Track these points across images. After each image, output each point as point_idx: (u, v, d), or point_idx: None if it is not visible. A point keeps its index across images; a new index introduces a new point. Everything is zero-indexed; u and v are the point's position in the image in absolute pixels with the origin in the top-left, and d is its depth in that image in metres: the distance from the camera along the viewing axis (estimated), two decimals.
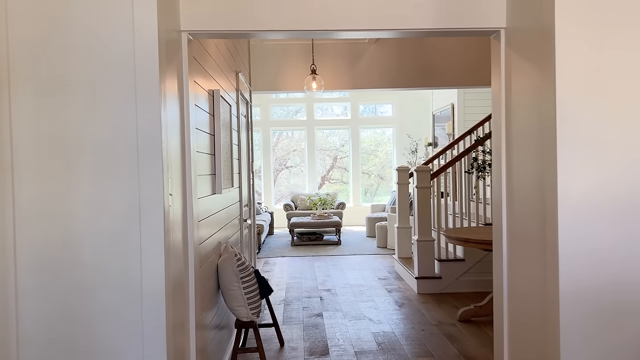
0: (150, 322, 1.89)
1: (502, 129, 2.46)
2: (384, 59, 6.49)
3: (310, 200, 10.60)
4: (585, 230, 1.94)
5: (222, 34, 2.47)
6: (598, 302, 1.96)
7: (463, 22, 2.43)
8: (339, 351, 3.93)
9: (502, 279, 2.49)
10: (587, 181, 1.94)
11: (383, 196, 12.23)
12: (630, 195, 1.95)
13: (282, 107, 12.09)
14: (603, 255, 1.95)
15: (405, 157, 11.18)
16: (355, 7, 2.43)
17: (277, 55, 6.38)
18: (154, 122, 1.89)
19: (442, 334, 4.24)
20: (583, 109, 1.93)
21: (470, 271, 5.48)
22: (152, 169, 1.89)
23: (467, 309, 4.57)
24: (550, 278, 2.00)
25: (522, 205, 2.28)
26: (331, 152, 12.43)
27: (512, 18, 2.35)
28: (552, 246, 1.97)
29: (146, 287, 1.90)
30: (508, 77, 2.42)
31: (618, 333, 1.97)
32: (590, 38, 1.93)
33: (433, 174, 5.63)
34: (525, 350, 2.30)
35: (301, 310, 5.09)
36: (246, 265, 3.13)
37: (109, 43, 1.91)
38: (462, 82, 6.53)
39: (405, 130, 11.43)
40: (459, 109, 8.66)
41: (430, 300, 5.27)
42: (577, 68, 1.93)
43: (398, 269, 6.54)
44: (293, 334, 4.35)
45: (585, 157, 1.94)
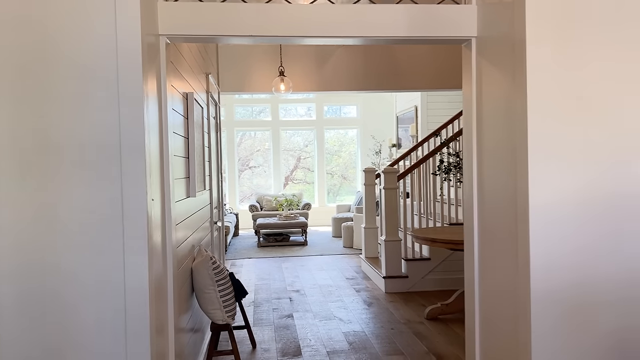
0: (134, 325, 1.89)
1: (474, 134, 2.56)
2: (351, 62, 6.57)
3: (277, 201, 10.61)
4: (554, 231, 2.05)
5: (199, 38, 2.48)
6: (567, 301, 2.07)
7: (435, 31, 2.52)
8: (312, 351, 3.97)
9: (473, 278, 2.59)
10: (557, 185, 2.05)
11: (346, 196, 12.35)
12: (596, 198, 2.07)
13: (246, 107, 12.04)
14: (571, 255, 2.06)
15: (370, 157, 11.33)
16: (331, 15, 2.48)
17: (245, 57, 6.37)
18: (137, 125, 1.89)
19: (411, 332, 4.34)
20: (553, 117, 2.04)
21: (436, 270, 5.62)
22: (135, 172, 1.89)
23: (434, 307, 4.70)
24: (521, 277, 2.10)
25: (493, 207, 2.38)
26: (295, 152, 12.45)
27: (482, 28, 2.45)
28: (524, 246, 2.07)
29: (130, 290, 1.90)
30: (479, 83, 2.52)
31: (587, 331, 2.08)
32: (560, 49, 2.04)
33: (399, 175, 5.74)
34: (497, 347, 2.40)
35: (271, 311, 5.11)
36: (221, 269, 3.13)
37: (92, 47, 1.90)
38: (427, 86, 6.67)
39: (369, 131, 11.59)
40: (422, 111, 8.85)
41: (398, 299, 5.38)
42: (547, 78, 2.03)
43: (365, 268, 6.64)
44: (265, 335, 4.37)
45: (555, 163, 2.05)
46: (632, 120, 2.07)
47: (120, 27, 1.89)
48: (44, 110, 1.90)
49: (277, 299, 5.58)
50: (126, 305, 1.91)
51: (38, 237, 1.91)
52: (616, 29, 2.06)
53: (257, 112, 12.14)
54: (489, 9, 2.39)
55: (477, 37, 2.51)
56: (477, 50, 2.52)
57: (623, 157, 2.07)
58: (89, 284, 1.93)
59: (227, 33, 2.44)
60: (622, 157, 2.07)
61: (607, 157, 2.07)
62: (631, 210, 2.09)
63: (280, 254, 8.31)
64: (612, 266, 2.09)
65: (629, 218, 2.09)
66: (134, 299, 1.91)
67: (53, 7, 1.90)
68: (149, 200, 1.92)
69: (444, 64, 6.51)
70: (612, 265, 2.09)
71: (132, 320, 1.89)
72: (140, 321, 1.89)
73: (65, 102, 1.91)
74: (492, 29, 2.35)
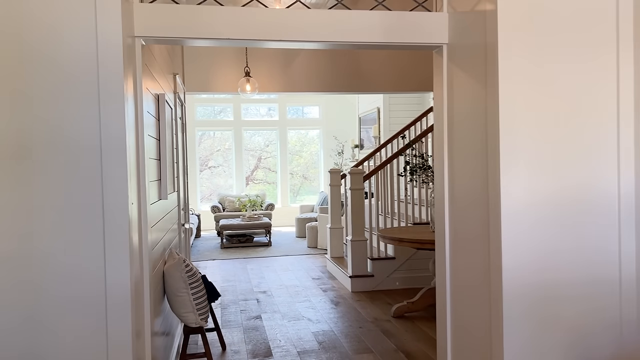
0: (115, 329, 1.87)
1: (445, 136, 2.65)
2: (315, 64, 6.62)
3: (240, 201, 10.55)
4: (523, 231, 2.15)
5: (175, 40, 2.46)
6: (535, 297, 2.18)
7: (409, 38, 2.59)
8: (282, 352, 3.99)
9: (445, 277, 2.68)
10: (526, 187, 2.15)
11: (306, 196, 12.39)
12: (561, 200, 2.18)
13: (206, 106, 11.90)
14: (538, 253, 2.17)
15: (332, 158, 11.42)
16: (307, 20, 2.51)
17: (210, 56, 6.32)
18: (119, 128, 1.87)
19: (378, 330, 4.43)
20: (523, 122, 2.14)
21: (401, 269, 5.74)
22: (116, 174, 1.87)
23: (400, 305, 4.80)
24: (494, 275, 2.20)
25: (464, 208, 2.47)
26: (255, 152, 12.40)
27: (454, 35, 2.54)
28: (496, 245, 2.17)
29: (111, 294, 1.88)
30: (450, 88, 2.61)
31: (552, 325, 2.20)
32: (530, 58, 2.14)
33: (365, 176, 5.83)
34: (469, 344, 2.49)
35: (239, 313, 5.10)
36: (194, 272, 3.12)
37: (73, 47, 1.87)
38: (389, 88, 6.80)
39: (331, 131, 11.68)
40: (384, 113, 8.99)
41: (364, 297, 5.46)
42: (518, 86, 2.13)
43: (331, 268, 6.71)
44: (234, 337, 4.36)
45: (525, 166, 2.15)
46: (595, 126, 2.20)
47: (101, 28, 1.86)
48: (23, 113, 1.86)
49: (244, 300, 5.57)
50: (107, 310, 1.88)
51: (15, 233, 1.87)
52: (583, 39, 2.18)
53: (217, 112, 12.02)
54: (459, 17, 2.48)
55: (449, 44, 2.59)
56: (448, 56, 2.61)
57: (586, 161, 2.20)
58: (67, 286, 1.89)
59: (204, 36, 2.43)
60: (585, 161, 2.20)
61: (571, 161, 2.19)
62: (592, 212, 2.21)
63: (245, 255, 8.28)
64: (574, 264, 2.21)
65: (590, 219, 2.21)
66: (115, 304, 1.89)
67: (31, 4, 1.86)
68: (130, 204, 1.90)
69: (405, 67, 6.65)
70: (574, 263, 2.21)
71: (114, 325, 1.87)
72: (122, 326, 1.87)
73: (44, 102, 1.87)
74: (464, 37, 2.44)
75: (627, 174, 2.20)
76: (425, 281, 5.65)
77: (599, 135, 2.21)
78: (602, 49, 2.20)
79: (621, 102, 2.20)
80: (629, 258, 2.21)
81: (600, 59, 2.19)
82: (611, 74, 2.20)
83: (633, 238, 2.21)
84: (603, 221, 2.21)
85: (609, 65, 2.20)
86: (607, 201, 2.21)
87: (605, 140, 2.21)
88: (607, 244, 2.21)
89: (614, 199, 2.20)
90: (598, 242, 2.21)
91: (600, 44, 2.19)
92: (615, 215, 2.21)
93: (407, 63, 6.63)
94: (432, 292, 4.74)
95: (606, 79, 2.20)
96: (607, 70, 2.20)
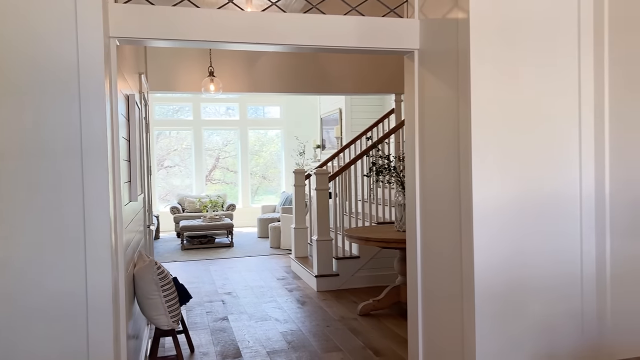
0: (97, 334, 1.85)
1: (416, 138, 2.73)
2: (280, 64, 6.64)
3: (201, 202, 10.42)
4: (493, 229, 2.25)
5: (151, 41, 2.44)
6: (504, 290, 2.29)
7: (381, 43, 2.66)
8: (251, 353, 4.00)
9: (416, 275, 2.76)
10: (496, 188, 2.26)
11: (264, 196, 12.37)
12: (528, 200, 2.30)
13: (163, 106, 11.68)
14: (507, 249, 2.28)
15: (294, 158, 11.44)
16: (282, 24, 2.54)
17: (174, 56, 6.24)
18: (100, 129, 1.85)
19: (346, 329, 4.50)
20: (493, 127, 2.24)
21: (365, 267, 5.84)
22: (98, 175, 1.85)
23: (366, 304, 4.88)
24: (466, 271, 2.29)
25: (436, 209, 2.56)
26: (213, 152, 12.26)
27: (425, 41, 2.63)
28: (468, 244, 2.26)
29: (92, 297, 1.85)
30: (421, 92, 2.69)
31: (520, 316, 2.31)
32: (500, 65, 2.24)
33: (331, 176, 5.90)
34: (441, 340, 2.58)
35: (205, 315, 5.06)
36: (166, 274, 3.09)
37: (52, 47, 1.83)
38: (352, 90, 6.90)
39: (293, 132, 11.69)
40: (346, 114, 9.09)
41: (330, 297, 5.53)
42: (489, 91, 2.23)
43: (295, 268, 6.74)
44: (201, 339, 4.33)
45: (495, 169, 2.25)
46: (559, 131, 2.33)
47: (82, 29, 1.84)
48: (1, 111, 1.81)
49: (209, 302, 5.53)
50: (88, 314, 1.86)
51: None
52: (548, 47, 2.30)
53: (175, 111, 11.83)
54: (431, 24, 2.57)
55: (420, 50, 2.68)
56: (419, 61, 2.69)
57: (551, 165, 2.32)
58: (46, 289, 1.86)
59: (180, 37, 2.43)
60: (550, 164, 2.32)
61: (537, 164, 2.31)
62: (556, 212, 2.34)
63: (207, 257, 8.20)
64: (541, 262, 2.33)
65: (555, 219, 2.34)
66: (97, 307, 1.86)
67: (9, 3, 1.81)
68: (111, 203, 1.89)
69: (367, 69, 6.77)
70: (541, 261, 2.33)
71: (95, 330, 1.85)
72: (103, 330, 1.85)
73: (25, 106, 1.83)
74: (435, 43, 2.53)
75: (587, 177, 2.35)
76: (390, 279, 5.76)
77: (563, 139, 2.34)
78: (565, 57, 2.33)
79: (582, 108, 2.34)
80: (590, 255, 2.35)
81: (563, 66, 2.33)
82: (573, 81, 2.34)
83: (593, 236, 2.35)
84: (566, 221, 2.34)
85: (571, 72, 2.33)
86: (569, 202, 2.34)
87: (569, 145, 2.34)
88: (570, 242, 2.34)
89: (576, 200, 2.34)
90: (562, 241, 2.34)
91: (564, 52, 2.32)
92: (577, 215, 2.34)
93: (369, 65, 6.75)
94: (397, 290, 4.85)
95: (569, 86, 2.34)
96: (570, 77, 2.33)
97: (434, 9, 2.53)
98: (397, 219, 4.83)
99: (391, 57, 6.52)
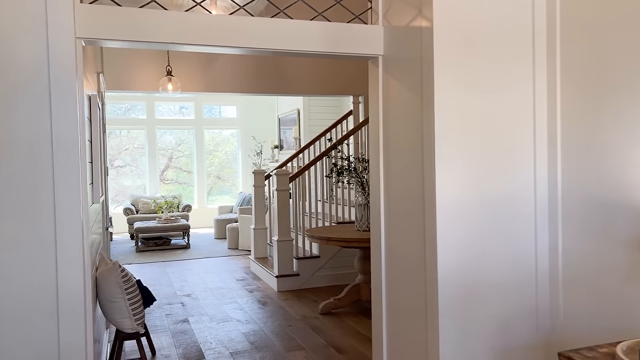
0: (69, 338, 1.82)
1: (380, 140, 2.82)
2: (238, 65, 6.63)
3: (156, 203, 10.22)
4: (455, 229, 2.36)
5: (117, 42, 2.42)
6: (464, 289, 2.40)
7: (346, 48, 2.72)
8: (214, 354, 4.00)
9: (380, 273, 2.85)
10: (458, 189, 2.36)
11: (218, 196, 12.27)
12: (489, 201, 2.42)
13: (117, 104, 11.40)
14: (467, 249, 2.40)
15: (251, 158, 11.40)
16: (249, 27, 2.57)
17: (131, 54, 6.12)
18: (71, 129, 1.82)
19: (308, 328, 4.55)
20: (455, 130, 2.35)
21: (325, 267, 5.91)
22: (69, 176, 1.83)
23: (327, 302, 4.96)
24: (429, 270, 2.39)
25: (400, 209, 2.65)
26: (166, 151, 12.05)
27: (389, 47, 2.72)
28: (431, 243, 2.36)
29: (63, 300, 1.83)
30: (385, 97, 2.78)
31: (479, 314, 2.43)
32: (462, 71, 2.35)
33: (292, 176, 5.94)
34: (404, 341, 2.68)
35: (164, 317, 5.00)
36: (129, 276, 3.06)
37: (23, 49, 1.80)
38: (311, 91, 6.97)
39: (250, 132, 11.65)
40: (304, 114, 9.15)
41: (291, 296, 5.57)
42: (451, 99, 2.34)
43: (255, 269, 6.74)
44: (162, 342, 4.29)
45: (457, 171, 2.36)
46: (515, 135, 2.46)
47: (52, 29, 1.81)
48: None
49: (168, 304, 5.47)
50: (59, 318, 1.83)
51: None
52: (506, 54, 2.43)
53: (127, 110, 11.55)
54: (395, 31, 2.66)
55: (384, 56, 2.77)
56: (383, 67, 2.78)
57: (508, 168, 2.45)
58: (15, 293, 1.82)
59: (146, 39, 2.41)
60: (507, 167, 2.45)
61: (495, 167, 2.43)
62: (513, 213, 2.47)
63: (163, 259, 8.08)
64: (499, 261, 2.45)
65: (511, 220, 2.47)
66: (68, 310, 1.84)
67: None
68: (82, 204, 1.87)
69: (326, 71, 6.86)
70: (499, 260, 2.45)
71: (67, 334, 1.83)
72: (75, 334, 1.83)
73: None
74: (399, 50, 2.62)
75: (541, 179, 2.49)
76: (350, 278, 5.86)
77: (519, 143, 2.47)
78: (521, 66, 2.46)
79: (536, 114, 2.48)
80: (543, 254, 2.50)
81: (520, 75, 2.46)
82: (528, 89, 2.48)
83: (546, 236, 2.50)
84: (522, 222, 2.48)
85: (527, 81, 2.47)
86: (525, 202, 2.48)
87: (524, 148, 2.48)
88: (526, 243, 2.48)
89: (531, 201, 2.48)
90: (518, 241, 2.48)
91: (520, 61, 2.46)
92: (532, 214, 2.49)
93: (328, 67, 6.84)
94: (358, 288, 4.95)
95: (524, 93, 2.47)
96: (525, 85, 2.47)
97: (398, 17, 2.63)
98: (357, 218, 4.93)
99: (350, 60, 6.63)
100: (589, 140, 2.26)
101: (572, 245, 2.37)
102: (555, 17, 2.42)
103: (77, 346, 1.85)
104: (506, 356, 2.47)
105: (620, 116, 2.10)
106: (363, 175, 4.87)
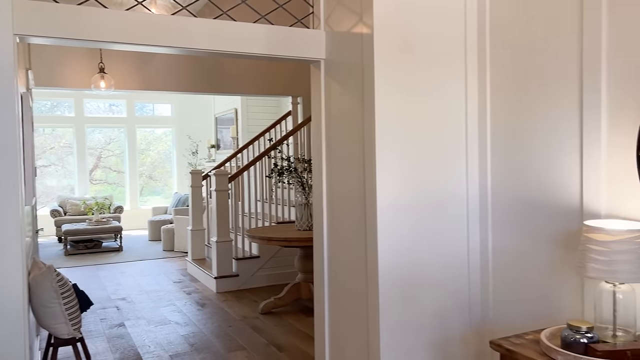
0: (8, 347, 1.76)
1: (323, 142, 2.89)
2: (174, 63, 6.51)
3: (86, 204, 9.81)
4: (394, 227, 2.47)
5: (54, 40, 2.34)
6: (403, 283, 2.52)
7: (289, 51, 2.78)
8: (153, 357, 3.93)
9: (323, 271, 2.93)
10: (396, 190, 2.48)
11: (150, 197, 11.96)
12: (426, 200, 2.56)
13: (42, 101, 10.83)
14: (405, 246, 2.52)
15: (186, 158, 11.19)
16: (191, 27, 2.56)
17: (60, 50, 5.86)
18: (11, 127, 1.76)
19: (248, 327, 4.57)
20: (394, 133, 2.46)
21: (265, 267, 5.94)
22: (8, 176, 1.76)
23: (268, 302, 4.99)
24: (370, 267, 2.49)
25: (341, 210, 2.74)
26: (95, 150, 11.59)
27: (330, 51, 2.80)
28: (372, 241, 2.46)
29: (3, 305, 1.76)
30: (327, 100, 2.86)
31: (416, 305, 2.56)
32: (401, 76, 2.46)
33: (231, 177, 5.92)
34: (345, 336, 2.77)
35: (99, 322, 4.85)
36: (65, 281, 2.96)
37: None
38: (250, 91, 6.97)
39: (185, 131, 11.42)
40: (242, 114, 9.10)
41: (230, 297, 5.55)
42: (390, 103, 2.45)
43: (192, 270, 6.65)
44: (98, 347, 4.17)
45: (396, 172, 2.47)
46: (449, 138, 2.61)
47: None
48: None
49: (102, 308, 5.30)
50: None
51: None
52: (441, 61, 2.57)
53: (53, 107, 11.01)
54: (336, 36, 2.74)
55: (326, 59, 2.84)
56: (325, 70, 2.86)
57: (442, 168, 2.60)
58: None
59: (85, 37, 2.36)
60: (441, 167, 2.60)
61: (430, 168, 2.57)
62: (447, 212, 2.62)
63: (94, 262, 7.79)
64: (434, 257, 2.59)
65: (446, 218, 2.62)
66: (8, 315, 1.77)
67: None
68: (21, 207, 1.81)
69: (264, 71, 6.87)
70: (434, 256, 2.59)
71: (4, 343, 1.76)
72: (15, 343, 1.77)
73: None
74: (341, 54, 2.70)
75: (472, 179, 2.66)
76: (290, 277, 5.91)
77: (452, 145, 2.62)
78: (455, 73, 2.61)
79: (468, 118, 2.64)
80: (475, 249, 2.67)
81: (453, 82, 2.61)
82: (461, 94, 2.63)
83: (477, 232, 2.66)
84: (455, 219, 2.63)
85: (460, 87, 2.63)
86: (458, 202, 2.63)
87: (457, 150, 2.63)
88: (459, 238, 2.64)
89: (463, 200, 2.64)
90: (452, 238, 2.63)
91: (454, 68, 2.61)
92: (465, 213, 2.65)
93: (266, 68, 6.85)
94: (298, 287, 5.01)
95: (457, 98, 2.63)
96: (458, 91, 2.63)
97: (339, 22, 2.71)
98: (297, 218, 4.99)
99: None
100: (517, 142, 2.44)
101: (501, 242, 2.54)
102: (485, 29, 2.59)
103: (17, 355, 1.79)
104: (444, 348, 2.62)
105: (544, 119, 2.29)
106: (303, 175, 4.94)
